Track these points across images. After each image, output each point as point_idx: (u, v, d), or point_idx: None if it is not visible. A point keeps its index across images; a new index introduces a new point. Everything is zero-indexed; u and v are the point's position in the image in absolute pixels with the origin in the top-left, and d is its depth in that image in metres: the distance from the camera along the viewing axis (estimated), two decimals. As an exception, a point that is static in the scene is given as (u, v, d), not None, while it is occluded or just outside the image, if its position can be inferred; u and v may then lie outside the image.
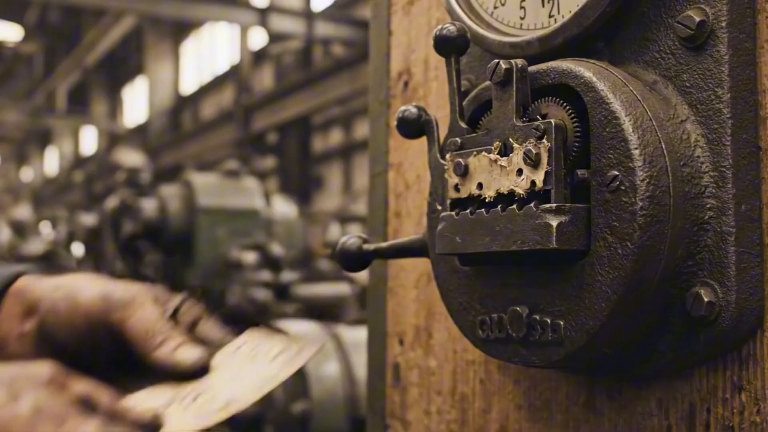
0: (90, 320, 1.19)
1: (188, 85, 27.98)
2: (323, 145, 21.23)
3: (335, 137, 21.00)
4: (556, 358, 1.12)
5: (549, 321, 1.12)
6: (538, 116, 1.13)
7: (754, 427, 1.07)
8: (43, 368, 0.94)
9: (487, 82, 1.21)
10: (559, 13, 1.21)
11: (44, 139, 37.21)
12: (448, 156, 1.21)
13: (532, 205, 1.09)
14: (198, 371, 1.14)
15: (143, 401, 1.12)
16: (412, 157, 1.62)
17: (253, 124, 19.85)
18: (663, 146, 1.06)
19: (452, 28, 1.20)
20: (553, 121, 1.10)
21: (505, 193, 1.13)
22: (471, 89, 1.31)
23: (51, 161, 39.15)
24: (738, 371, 1.10)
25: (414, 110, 1.27)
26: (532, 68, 1.16)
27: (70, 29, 29.77)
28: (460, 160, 1.19)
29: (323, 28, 18.34)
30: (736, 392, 1.10)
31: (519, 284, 1.16)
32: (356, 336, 5.07)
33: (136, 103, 29.62)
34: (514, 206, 1.11)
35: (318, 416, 4.68)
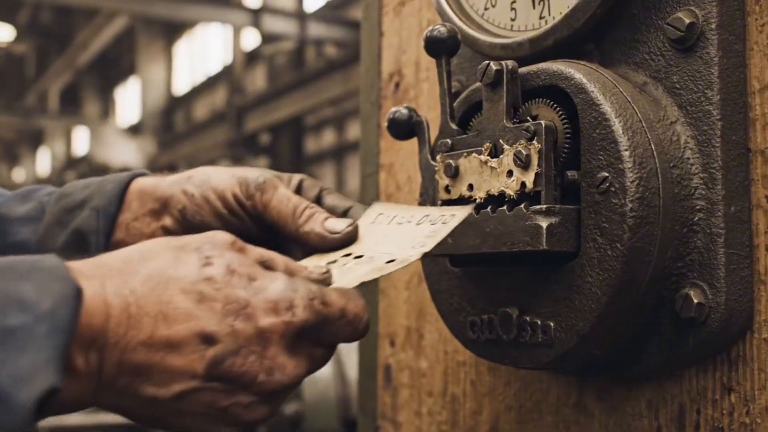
0: (230, 205, 1.23)
1: (181, 86, 27.93)
2: (316, 145, 21.21)
3: (328, 138, 20.99)
4: (546, 360, 1.12)
5: (539, 322, 1.12)
6: (528, 118, 1.13)
7: (743, 428, 1.08)
8: (224, 235, 0.98)
9: (478, 84, 1.21)
10: (549, 14, 1.22)
11: (36, 139, 37.12)
12: (438, 157, 1.21)
13: (522, 206, 1.09)
14: (348, 240, 1.16)
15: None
16: (403, 159, 1.62)
17: (245, 124, 19.82)
18: (653, 148, 1.06)
19: (443, 29, 1.20)
20: (543, 122, 1.10)
21: (496, 194, 1.13)
22: (462, 90, 1.31)
23: (43, 162, 39.08)
24: (727, 372, 1.10)
25: (405, 111, 1.27)
26: (523, 70, 1.16)
27: (61, 30, 29.69)
28: (451, 161, 1.19)
29: (316, 29, 18.33)
30: (725, 393, 1.10)
31: (509, 285, 1.16)
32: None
33: (129, 103, 29.57)
34: (505, 207, 1.11)
35: (310, 417, 4.68)
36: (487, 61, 1.15)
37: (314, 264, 1.10)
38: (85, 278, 0.88)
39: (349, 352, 4.87)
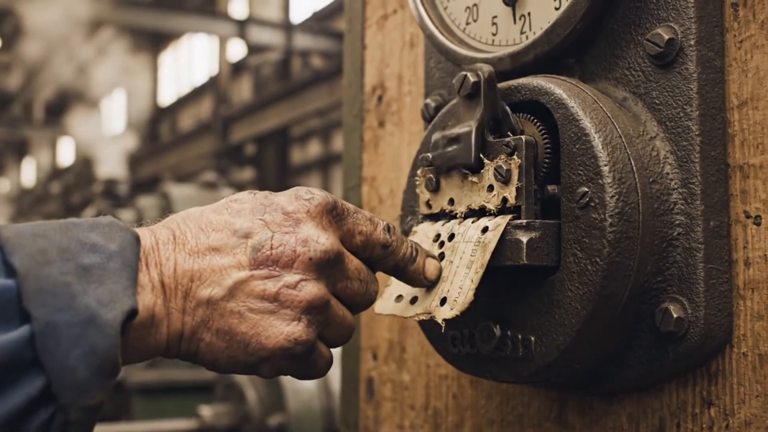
0: None
1: (166, 97, 27.89)
2: (302, 156, 21.20)
3: (314, 149, 20.98)
4: (526, 374, 1.12)
5: (520, 337, 1.12)
6: (509, 132, 1.14)
7: (723, 442, 1.08)
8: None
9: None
10: (530, 29, 1.22)
11: (21, 149, 36.97)
12: (419, 171, 1.21)
13: (502, 221, 1.09)
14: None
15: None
16: (386, 171, 1.62)
17: (231, 135, 19.79)
18: (632, 163, 1.07)
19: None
20: (523, 137, 1.10)
21: (476, 208, 1.13)
22: (443, 104, 1.31)
23: (28, 172, 38.92)
24: (707, 386, 1.10)
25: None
26: (503, 84, 1.17)
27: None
28: (432, 175, 1.19)
29: (302, 40, 18.34)
30: (705, 407, 1.10)
31: (490, 300, 1.17)
32: (333, 349, 5.05)
33: (114, 114, 29.48)
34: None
35: (294, 429, 4.66)
36: (463, 73, 1.16)
37: None
38: (139, 228, 1.01)
39: (336, 364, 4.86)
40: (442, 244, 1.15)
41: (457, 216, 1.15)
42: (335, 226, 1.05)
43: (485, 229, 1.10)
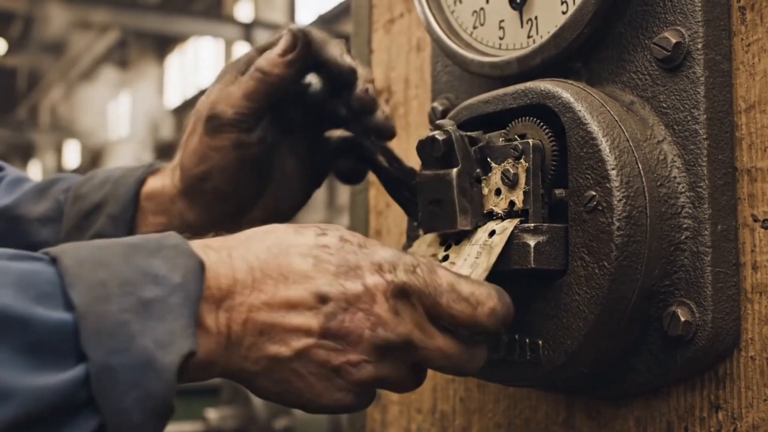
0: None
1: (172, 100, 27.94)
2: (308, 159, 21.17)
3: (320, 152, 20.94)
4: (534, 378, 1.12)
5: (527, 340, 1.12)
6: (516, 136, 1.14)
7: (731, 446, 1.08)
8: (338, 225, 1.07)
9: (467, 102, 1.22)
10: (537, 33, 1.22)
11: (27, 153, 37.07)
12: (426, 176, 1.21)
13: (510, 224, 1.09)
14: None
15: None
16: (392, 175, 1.62)
17: (237, 138, 19.78)
18: (640, 167, 1.07)
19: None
20: (530, 141, 1.10)
21: (484, 213, 1.13)
22: (450, 108, 1.32)
23: (34, 175, 39.03)
24: (715, 390, 1.10)
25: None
26: (510, 89, 1.17)
27: (54, 43, 29.68)
28: (439, 179, 1.19)
29: (308, 43, 18.33)
30: (713, 411, 1.10)
31: (498, 303, 1.16)
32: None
33: (120, 117, 29.55)
34: (493, 226, 1.11)
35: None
36: (429, 135, 1.15)
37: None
38: (213, 250, 0.96)
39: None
40: (449, 246, 1.15)
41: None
42: (411, 309, 1.00)
43: (492, 233, 1.11)
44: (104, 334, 0.83)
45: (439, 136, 1.14)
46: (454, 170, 1.12)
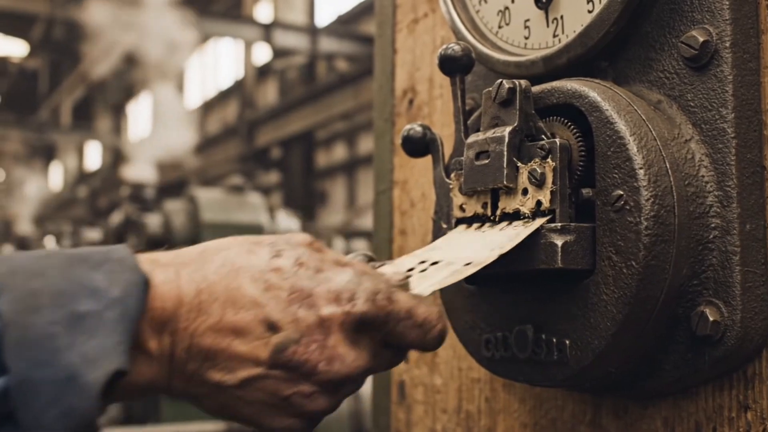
0: None
1: (193, 101, 28.04)
2: (327, 160, 21.24)
3: (339, 152, 21.02)
4: (561, 378, 1.12)
5: (554, 340, 1.12)
6: (542, 136, 1.13)
7: (760, 447, 1.07)
8: (302, 235, 1.02)
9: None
10: (563, 32, 1.22)
11: (49, 154, 37.29)
12: (453, 175, 1.22)
13: (537, 224, 1.09)
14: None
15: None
16: (417, 175, 1.62)
17: (257, 139, 19.88)
18: (667, 166, 1.07)
19: (457, 48, 1.21)
20: (557, 140, 1.10)
21: (510, 212, 1.13)
22: (475, 108, 1.31)
23: (55, 176, 39.25)
24: (744, 390, 1.09)
25: (419, 129, 1.27)
26: (537, 88, 1.17)
27: (74, 45, 29.87)
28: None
29: (327, 44, 18.39)
30: (742, 411, 1.09)
31: (524, 303, 1.17)
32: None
33: (141, 118, 29.68)
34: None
35: (322, 431, 4.67)
36: (499, 80, 1.16)
37: (393, 271, 1.10)
38: (161, 266, 0.93)
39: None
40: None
41: (491, 219, 1.15)
42: (370, 337, 0.98)
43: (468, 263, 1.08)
44: (27, 346, 0.80)
45: (506, 83, 1.13)
46: (509, 127, 1.12)
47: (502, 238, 1.11)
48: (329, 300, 0.94)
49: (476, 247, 1.12)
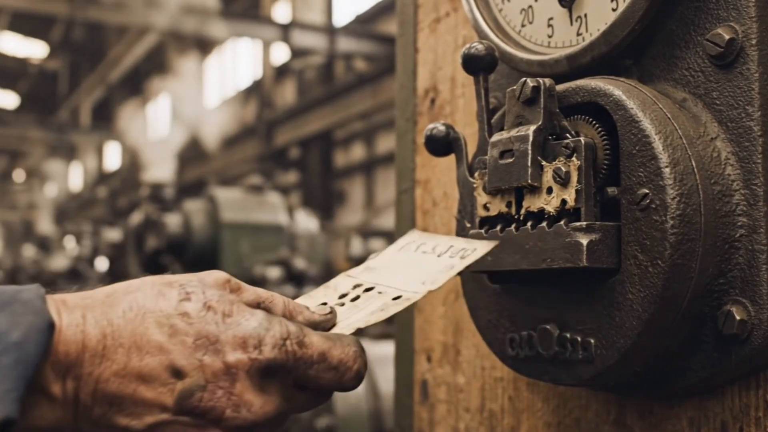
0: None
1: (211, 101, 28.12)
2: (345, 159, 21.26)
3: (357, 152, 21.03)
4: (586, 377, 1.12)
5: (579, 339, 1.12)
6: (567, 134, 1.13)
7: (787, 446, 1.07)
8: (219, 274, 1.01)
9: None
10: (587, 31, 1.22)
11: (69, 154, 37.51)
12: (476, 174, 1.21)
13: (562, 223, 1.09)
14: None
15: (312, 303, 1.12)
16: (439, 174, 1.62)
17: (275, 139, 19.92)
18: (693, 164, 1.06)
19: (480, 46, 1.21)
20: (582, 139, 1.10)
21: (535, 211, 1.13)
22: (499, 107, 1.31)
23: (75, 177, 39.47)
24: (770, 390, 1.09)
25: (442, 128, 1.27)
26: (561, 87, 1.16)
27: (94, 46, 30.04)
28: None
29: (345, 44, 18.41)
30: (768, 411, 1.09)
31: (548, 302, 1.16)
32: (380, 351, 5.06)
33: (160, 118, 29.81)
34: (544, 224, 1.11)
35: (342, 431, 4.68)
36: (524, 78, 1.16)
37: (320, 303, 1.10)
38: (68, 309, 0.91)
39: (381, 366, 4.87)
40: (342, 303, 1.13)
41: (516, 218, 1.15)
42: (280, 381, 0.97)
43: (397, 297, 1.08)
44: None
45: (531, 81, 1.13)
46: (534, 125, 1.12)
47: (438, 269, 1.10)
48: (236, 346, 0.93)
49: (411, 274, 1.12)
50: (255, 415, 0.94)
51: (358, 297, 1.11)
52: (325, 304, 1.12)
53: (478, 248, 1.11)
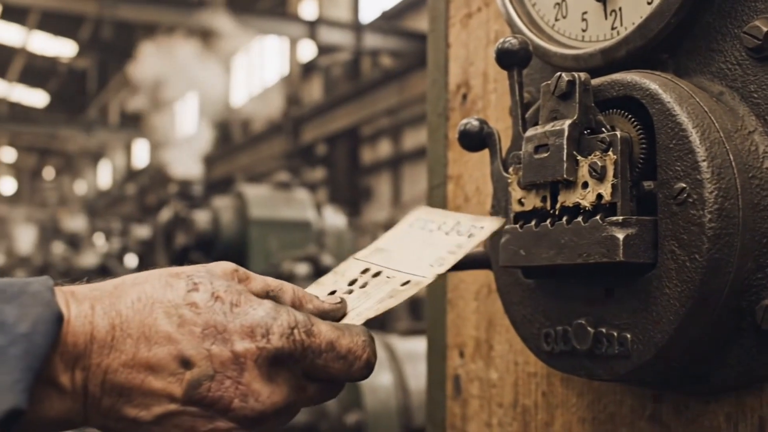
0: None
1: (239, 98, 28.24)
2: (372, 156, 21.27)
3: (384, 148, 21.03)
4: (623, 371, 1.11)
5: (615, 334, 1.11)
6: (602, 129, 1.13)
7: (827, 442, 1.06)
8: (226, 264, 1.01)
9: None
10: (621, 24, 1.21)
11: (97, 152, 37.78)
12: (511, 169, 1.21)
13: (598, 217, 1.08)
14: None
15: (322, 291, 1.13)
16: (471, 169, 1.62)
17: (302, 135, 19.96)
18: (731, 158, 1.05)
19: (514, 41, 1.20)
20: (618, 133, 1.09)
21: (570, 206, 1.13)
22: (532, 102, 1.31)
23: (104, 174, 39.76)
24: (809, 385, 1.08)
25: (476, 123, 1.27)
26: (596, 81, 1.16)
27: (122, 44, 30.22)
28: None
29: (371, 40, 18.41)
30: (807, 406, 1.08)
31: (584, 297, 1.16)
32: (409, 347, 5.07)
33: (188, 116, 29.96)
34: (580, 219, 1.10)
35: (371, 426, 4.69)
36: (558, 73, 1.15)
37: (330, 291, 1.10)
38: (76, 301, 0.92)
39: (410, 362, 4.88)
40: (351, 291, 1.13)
41: (551, 213, 1.15)
42: (289, 371, 0.97)
43: (406, 282, 1.08)
44: None
45: (566, 76, 1.13)
46: (569, 120, 1.12)
47: (446, 249, 1.09)
48: (243, 335, 0.94)
49: (419, 256, 1.12)
50: (263, 405, 0.94)
51: (366, 284, 1.11)
52: (334, 292, 1.12)
53: (486, 226, 1.11)
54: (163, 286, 0.96)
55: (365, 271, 1.14)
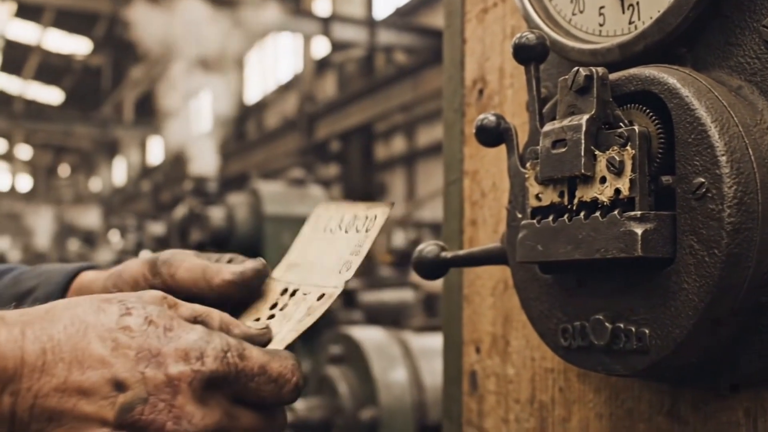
0: (141, 288, 1.22)
1: (252, 95, 28.30)
2: (386, 152, 21.28)
3: (398, 145, 21.04)
4: (641, 367, 1.11)
5: (633, 329, 1.11)
6: (621, 123, 1.12)
7: None
8: (155, 292, 1.02)
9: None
10: (639, 19, 1.21)
11: (112, 149, 37.92)
12: (528, 164, 1.21)
13: (616, 212, 1.08)
14: (258, 277, 1.17)
15: (249, 318, 1.16)
16: (488, 165, 1.62)
17: (316, 132, 19.99)
18: (750, 152, 1.05)
19: (531, 36, 1.20)
20: (636, 127, 1.09)
21: (588, 201, 1.12)
22: (549, 97, 1.31)
23: (119, 171, 39.91)
24: (829, 381, 1.07)
25: (493, 118, 1.27)
26: (614, 75, 1.15)
27: (136, 41, 30.35)
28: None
29: (385, 36, 18.41)
30: (827, 402, 1.07)
31: (601, 292, 1.16)
32: (423, 343, 5.07)
33: (202, 112, 30.05)
34: (597, 214, 1.10)
35: (386, 422, 4.69)
36: (576, 67, 1.15)
37: (254, 318, 1.13)
38: (6, 325, 0.92)
39: (424, 358, 4.88)
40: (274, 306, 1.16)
41: (569, 209, 1.14)
42: (220, 396, 0.97)
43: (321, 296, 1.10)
44: None
45: (583, 71, 1.13)
46: (586, 115, 1.11)
47: (348, 251, 1.12)
48: (177, 358, 0.94)
49: (327, 263, 1.14)
50: (196, 427, 0.94)
51: (286, 305, 1.14)
52: (258, 319, 1.15)
53: (378, 215, 1.12)
54: (96, 311, 0.96)
55: (284, 291, 1.17)
